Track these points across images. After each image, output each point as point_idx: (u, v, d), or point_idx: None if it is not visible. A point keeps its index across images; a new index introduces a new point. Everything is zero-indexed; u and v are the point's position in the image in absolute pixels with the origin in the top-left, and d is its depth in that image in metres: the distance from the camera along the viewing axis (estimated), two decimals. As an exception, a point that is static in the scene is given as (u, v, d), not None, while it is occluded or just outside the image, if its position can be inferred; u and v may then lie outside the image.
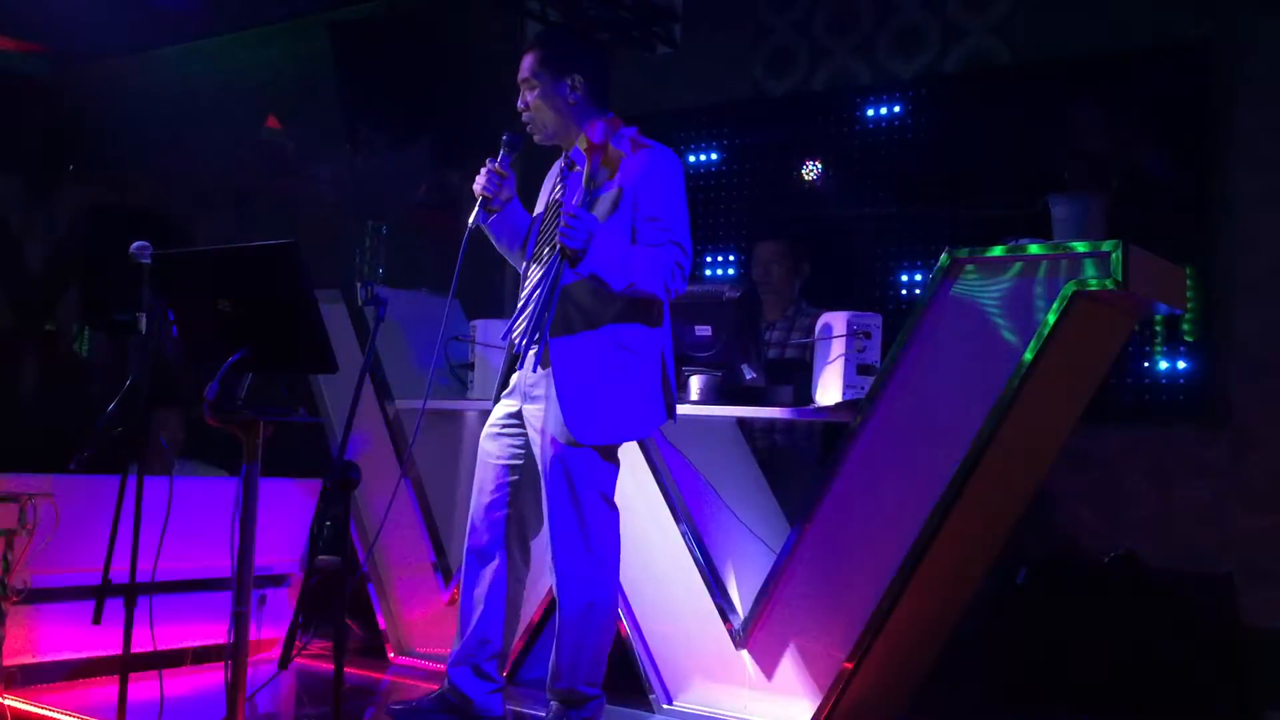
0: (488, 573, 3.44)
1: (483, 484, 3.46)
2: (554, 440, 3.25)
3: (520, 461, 3.42)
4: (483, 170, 3.33)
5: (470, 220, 3.30)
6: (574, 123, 3.34)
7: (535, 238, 3.42)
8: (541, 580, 3.79)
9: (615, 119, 3.20)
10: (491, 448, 3.46)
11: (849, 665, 3.37)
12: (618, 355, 3.26)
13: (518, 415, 3.41)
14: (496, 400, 3.49)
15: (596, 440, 3.25)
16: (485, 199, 3.31)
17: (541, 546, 3.49)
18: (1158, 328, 5.03)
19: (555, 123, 3.36)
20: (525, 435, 3.39)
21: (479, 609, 3.45)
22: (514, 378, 3.43)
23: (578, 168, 3.35)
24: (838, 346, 3.60)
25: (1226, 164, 4.95)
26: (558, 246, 3.11)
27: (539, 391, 3.31)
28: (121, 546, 3.02)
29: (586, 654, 3.29)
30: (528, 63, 3.35)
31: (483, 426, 3.52)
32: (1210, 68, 4.99)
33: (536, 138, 3.41)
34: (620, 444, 3.35)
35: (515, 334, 3.38)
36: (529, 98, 3.35)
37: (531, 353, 3.26)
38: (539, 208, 3.49)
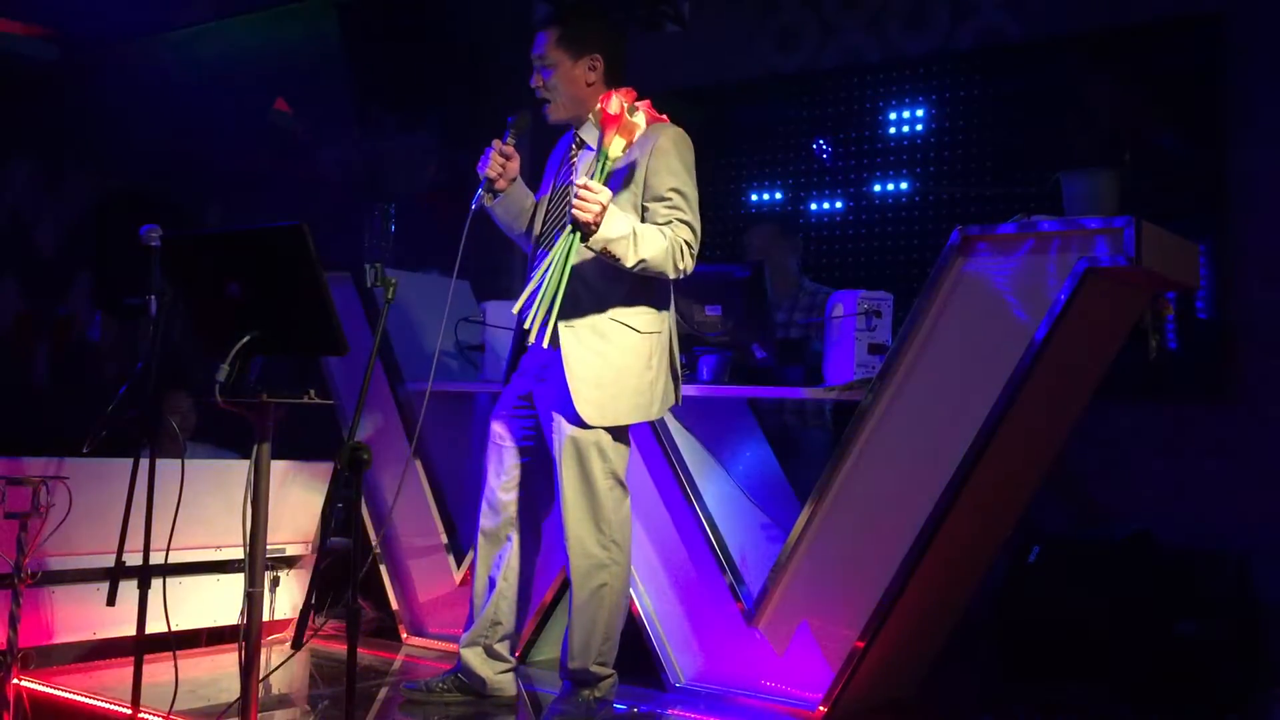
0: (499, 555, 3.45)
1: (494, 466, 3.46)
2: (565, 421, 3.25)
3: (531, 444, 3.42)
4: (487, 150, 3.30)
5: (473, 202, 3.27)
6: (590, 103, 3.31)
7: (544, 220, 3.41)
8: (553, 561, 3.79)
9: (630, 91, 3.17)
10: (502, 430, 3.45)
11: (860, 644, 3.37)
12: (626, 336, 3.24)
13: (528, 397, 3.41)
14: (506, 382, 3.48)
15: (604, 422, 3.23)
16: (489, 180, 3.28)
17: (552, 528, 3.50)
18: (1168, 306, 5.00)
19: (570, 102, 3.32)
20: (535, 417, 3.39)
21: (491, 591, 3.46)
22: (523, 359, 3.42)
23: (589, 147, 3.33)
24: (849, 325, 3.58)
25: (1240, 138, 4.91)
26: (568, 221, 3.07)
27: (550, 373, 3.30)
28: (135, 529, 3.03)
29: (599, 634, 3.29)
30: (545, 40, 3.31)
31: (493, 408, 3.52)
32: (1224, 40, 4.95)
33: (550, 117, 3.38)
34: (629, 425, 3.34)
35: (522, 312, 3.37)
36: (545, 75, 3.32)
37: (543, 332, 3.24)
38: (544, 189, 3.46)
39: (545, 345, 3.13)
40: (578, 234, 3.06)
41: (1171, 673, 3.88)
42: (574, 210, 3.03)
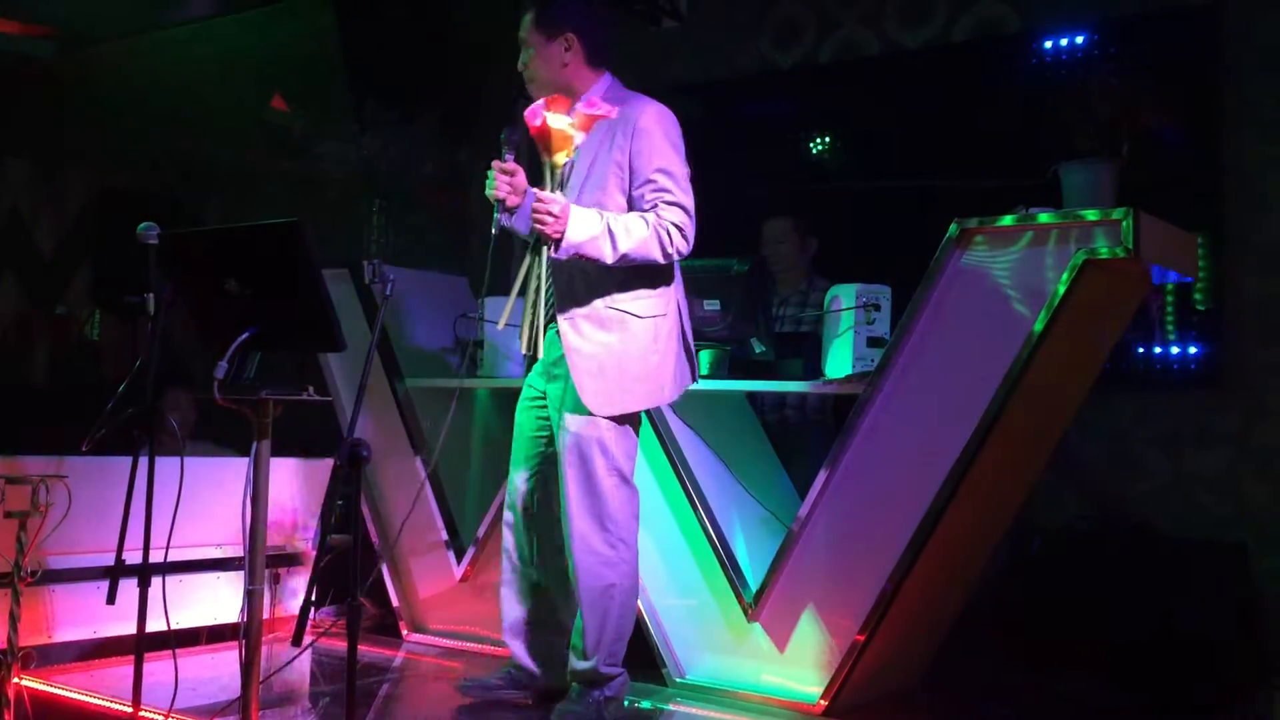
0: (525, 545, 3.44)
1: (515, 457, 3.46)
2: (568, 418, 3.24)
3: (546, 434, 3.40)
4: (491, 173, 3.21)
5: (493, 227, 3.17)
6: (571, 83, 3.28)
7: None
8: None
9: (610, 78, 3.22)
10: (523, 420, 3.46)
11: (861, 637, 3.37)
12: (627, 323, 3.20)
13: (543, 393, 3.40)
14: (526, 372, 3.51)
15: (611, 411, 3.20)
16: (500, 201, 3.19)
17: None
18: (1169, 296, 5.00)
19: (550, 84, 3.28)
20: (548, 411, 3.39)
21: (521, 581, 3.45)
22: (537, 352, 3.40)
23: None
24: (847, 319, 3.58)
25: (1238, 129, 4.90)
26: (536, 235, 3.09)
27: (559, 370, 3.28)
28: (134, 527, 3.03)
29: (610, 633, 3.25)
30: (525, 23, 3.31)
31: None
32: (1221, 31, 4.94)
33: (534, 97, 3.31)
34: (636, 414, 3.29)
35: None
36: (525, 58, 3.32)
37: (550, 331, 3.25)
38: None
39: (540, 354, 3.21)
40: (545, 248, 3.09)
41: (1172, 663, 3.88)
42: (536, 226, 3.06)
